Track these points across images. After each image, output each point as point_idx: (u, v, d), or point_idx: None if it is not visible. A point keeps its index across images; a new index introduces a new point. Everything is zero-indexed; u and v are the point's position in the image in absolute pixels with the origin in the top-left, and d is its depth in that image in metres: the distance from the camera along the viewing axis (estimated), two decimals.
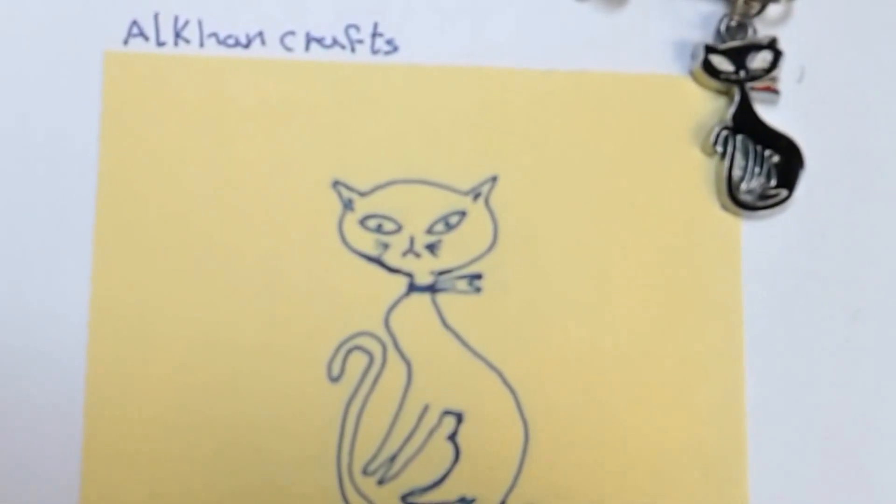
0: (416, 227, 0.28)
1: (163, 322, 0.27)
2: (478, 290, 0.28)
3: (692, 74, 0.29)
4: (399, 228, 0.28)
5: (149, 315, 0.27)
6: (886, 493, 0.28)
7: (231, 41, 0.28)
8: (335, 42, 0.28)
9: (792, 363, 0.28)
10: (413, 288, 0.28)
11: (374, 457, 0.27)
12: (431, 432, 0.27)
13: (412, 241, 0.28)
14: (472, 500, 0.27)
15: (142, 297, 0.27)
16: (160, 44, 0.28)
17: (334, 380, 0.27)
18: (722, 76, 0.29)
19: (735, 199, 0.28)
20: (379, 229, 0.28)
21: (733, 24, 0.29)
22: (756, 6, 0.29)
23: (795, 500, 0.28)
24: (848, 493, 0.28)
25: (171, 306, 0.27)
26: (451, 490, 0.27)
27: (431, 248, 0.28)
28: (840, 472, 0.28)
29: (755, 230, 0.29)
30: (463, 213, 0.28)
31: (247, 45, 0.28)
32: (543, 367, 0.28)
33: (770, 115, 0.29)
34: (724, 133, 0.28)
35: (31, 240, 0.27)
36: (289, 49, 0.28)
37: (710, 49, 0.29)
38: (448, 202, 0.28)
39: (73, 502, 0.26)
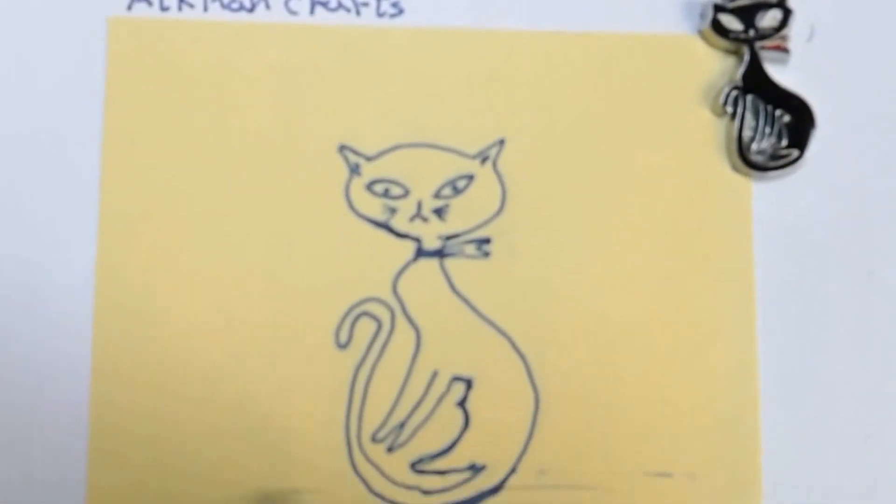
0: (423, 191, 0.28)
1: (170, 287, 0.27)
2: (486, 254, 0.28)
3: (701, 34, 0.29)
4: (406, 193, 0.28)
5: (156, 279, 0.27)
6: None
7: (235, 5, 0.28)
8: (340, 5, 0.28)
9: (805, 325, 0.28)
10: (421, 253, 0.28)
11: (383, 424, 0.27)
12: (440, 399, 0.27)
13: (419, 205, 0.28)
14: (483, 467, 0.27)
15: (149, 263, 0.27)
16: (164, 9, 0.28)
17: (342, 346, 0.27)
18: (731, 35, 0.28)
19: (746, 159, 0.28)
20: (386, 194, 0.28)
21: None
22: None
23: (808, 464, 0.27)
24: (861, 458, 0.27)
25: (177, 272, 0.27)
26: (460, 457, 0.27)
27: (439, 212, 0.28)
28: (853, 436, 0.28)
29: (766, 191, 0.28)
30: (470, 177, 0.28)
31: (251, 10, 0.28)
32: (553, 332, 0.27)
33: (780, 74, 0.28)
34: (734, 93, 0.28)
35: (35, 207, 0.27)
36: (293, 13, 0.28)
37: (719, 8, 0.28)
38: (455, 166, 0.28)
39: (80, 473, 0.26)
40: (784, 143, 0.28)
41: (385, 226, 0.28)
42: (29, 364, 0.26)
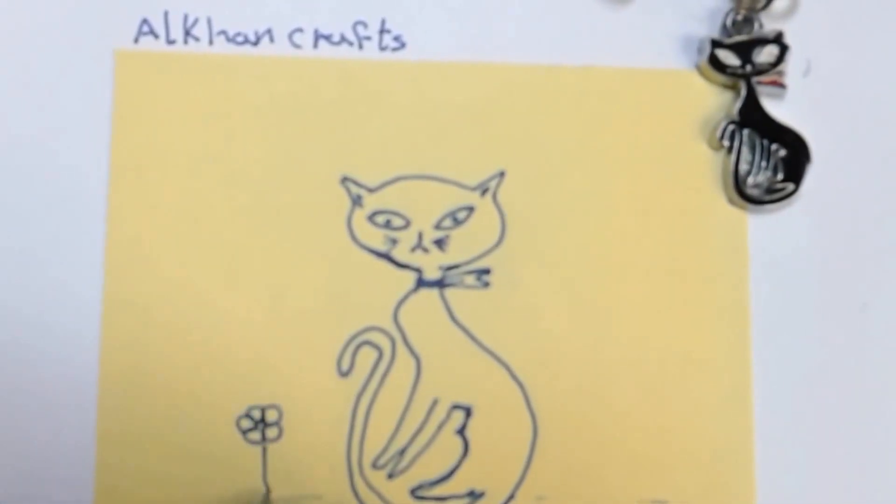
0: (424, 222, 0.28)
1: (173, 318, 0.27)
2: (486, 284, 0.28)
3: (698, 69, 0.29)
4: (407, 224, 0.28)
5: (159, 311, 0.27)
6: (893, 489, 0.28)
7: (240, 39, 0.28)
8: (343, 39, 0.29)
9: (799, 357, 0.28)
10: (421, 283, 0.28)
11: (384, 451, 0.27)
12: (440, 426, 0.28)
13: (420, 236, 0.28)
14: (481, 494, 0.27)
15: (152, 293, 0.27)
16: (170, 42, 0.28)
17: (344, 374, 0.28)
18: (728, 70, 0.29)
19: (742, 193, 0.28)
20: (387, 225, 0.28)
21: (739, 18, 0.29)
22: (762, 0, 0.29)
23: (802, 495, 0.28)
24: (855, 489, 0.28)
25: (181, 302, 0.27)
26: (460, 484, 0.27)
27: (439, 243, 0.28)
28: (847, 466, 0.28)
29: (762, 224, 0.29)
30: (471, 209, 0.28)
31: (255, 43, 0.28)
32: (551, 361, 0.28)
33: (776, 109, 0.29)
34: (731, 127, 0.29)
35: (42, 238, 0.27)
36: (297, 46, 0.29)
37: (716, 43, 0.29)
38: (456, 197, 0.28)
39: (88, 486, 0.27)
40: (780, 176, 0.29)
41: (386, 256, 0.28)
42: (36, 383, 0.27)
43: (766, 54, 0.29)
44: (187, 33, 0.28)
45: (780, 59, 0.29)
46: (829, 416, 0.28)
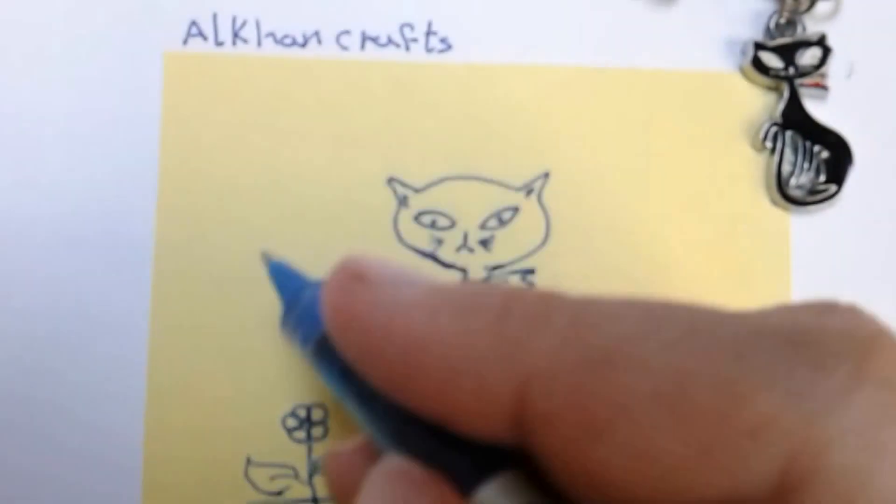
0: (469, 222, 0.28)
1: (220, 318, 0.28)
2: (530, 284, 0.28)
3: (742, 71, 0.29)
4: (453, 224, 0.28)
5: (207, 311, 0.28)
6: None
7: (288, 41, 0.29)
8: (390, 41, 0.29)
9: None
10: None
11: None
12: None
13: (466, 236, 0.28)
14: None
15: (201, 294, 0.28)
16: (219, 44, 0.28)
17: None
18: (771, 73, 0.29)
19: (784, 194, 0.29)
20: (433, 225, 0.28)
21: (783, 20, 0.29)
22: (805, 3, 0.29)
23: None
24: None
25: (228, 302, 0.28)
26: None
27: (485, 243, 0.28)
28: None
29: (804, 225, 0.29)
30: (516, 209, 0.28)
31: (303, 45, 0.29)
32: None
33: (819, 110, 0.29)
34: (774, 129, 0.29)
35: (92, 238, 0.28)
36: (344, 48, 0.29)
37: (759, 46, 0.29)
38: (501, 198, 0.29)
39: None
40: (822, 178, 0.29)
41: (432, 256, 0.28)
42: (85, 380, 0.27)
43: (809, 57, 0.29)
44: (236, 35, 0.28)
45: (823, 61, 0.29)
46: None
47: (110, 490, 0.27)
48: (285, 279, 0.22)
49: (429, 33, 0.29)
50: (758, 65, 0.29)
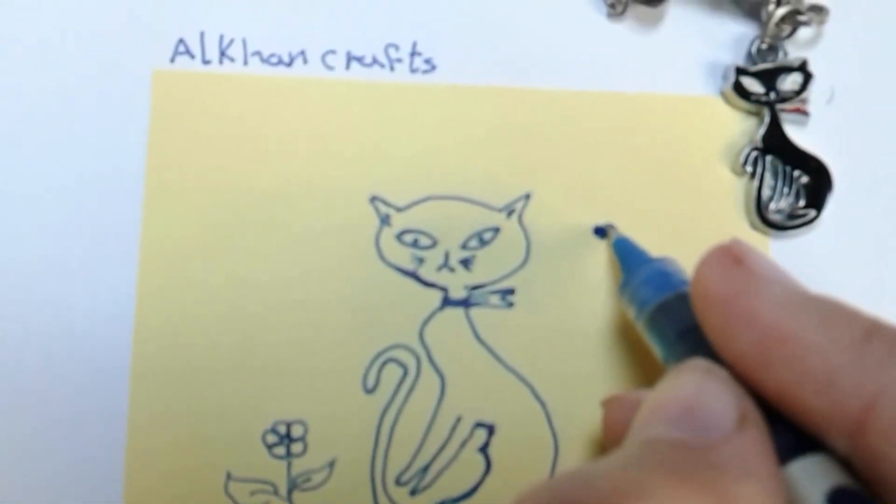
0: (450, 242, 0.29)
1: (202, 334, 0.28)
2: (510, 304, 0.29)
3: (723, 95, 0.30)
4: (434, 243, 0.29)
5: (189, 327, 0.28)
6: None
7: (274, 59, 0.29)
8: (375, 61, 0.29)
9: None
10: (447, 302, 0.28)
11: (408, 467, 0.28)
12: (463, 444, 0.28)
13: (447, 255, 0.28)
14: None
15: (183, 310, 0.28)
16: (206, 62, 0.29)
17: (370, 391, 0.28)
18: (753, 97, 0.29)
19: (764, 218, 0.29)
20: (415, 244, 0.28)
21: (764, 46, 0.30)
22: (787, 29, 0.30)
23: None
24: None
25: (210, 318, 0.28)
26: (481, 501, 0.28)
27: (465, 263, 0.29)
28: None
29: (783, 249, 0.29)
30: (496, 230, 0.29)
31: (289, 64, 0.29)
32: (572, 381, 0.28)
33: (799, 136, 0.29)
34: (754, 153, 0.29)
35: (76, 255, 0.28)
36: (330, 68, 0.29)
37: (741, 71, 0.29)
38: (482, 218, 0.29)
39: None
40: (802, 203, 0.29)
41: (413, 275, 0.28)
42: (65, 398, 0.27)
43: (790, 82, 0.29)
44: (223, 54, 0.29)
45: (804, 86, 0.29)
46: None
47: None
48: (627, 253, 0.26)
49: (413, 54, 0.29)
50: (739, 89, 0.29)
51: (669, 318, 0.23)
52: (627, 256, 0.26)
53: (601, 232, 0.28)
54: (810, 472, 0.17)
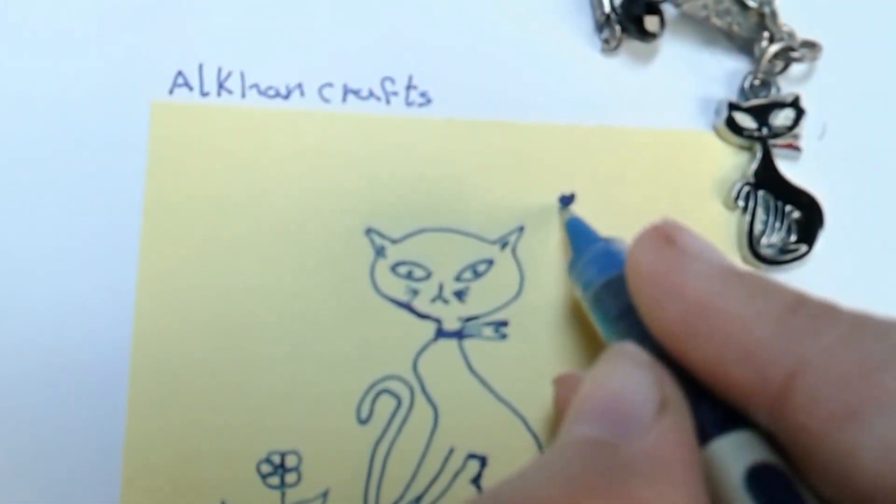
0: (445, 274, 0.29)
1: (198, 364, 0.28)
2: (503, 336, 0.29)
3: (716, 130, 0.30)
4: (428, 275, 0.29)
5: (185, 356, 0.28)
6: None
7: (271, 92, 0.29)
8: (371, 94, 0.29)
9: None
10: (441, 333, 0.29)
11: (400, 498, 0.28)
12: (456, 475, 0.28)
13: (441, 287, 0.29)
14: None
15: (179, 340, 0.28)
16: (204, 94, 0.29)
17: (363, 422, 0.28)
18: (745, 133, 0.29)
19: (756, 253, 0.29)
20: (409, 276, 0.29)
21: (757, 82, 0.30)
22: (780, 64, 0.30)
23: None
24: None
25: (206, 348, 0.28)
26: None
27: (459, 294, 0.29)
28: None
29: None
30: (490, 262, 0.29)
31: (286, 96, 0.29)
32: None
33: (792, 171, 0.30)
34: (746, 188, 0.29)
35: (75, 286, 0.28)
36: (326, 100, 0.29)
37: (733, 106, 0.29)
38: (476, 251, 0.29)
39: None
40: (793, 238, 0.29)
41: (407, 306, 0.29)
42: (61, 419, 0.28)
43: (782, 118, 0.29)
44: (221, 86, 0.29)
45: (797, 122, 0.29)
46: None
47: None
48: (577, 232, 0.27)
49: (409, 87, 0.30)
50: (731, 124, 0.29)
51: (612, 297, 0.23)
52: (577, 236, 0.27)
53: (566, 201, 0.28)
54: (732, 450, 0.17)
